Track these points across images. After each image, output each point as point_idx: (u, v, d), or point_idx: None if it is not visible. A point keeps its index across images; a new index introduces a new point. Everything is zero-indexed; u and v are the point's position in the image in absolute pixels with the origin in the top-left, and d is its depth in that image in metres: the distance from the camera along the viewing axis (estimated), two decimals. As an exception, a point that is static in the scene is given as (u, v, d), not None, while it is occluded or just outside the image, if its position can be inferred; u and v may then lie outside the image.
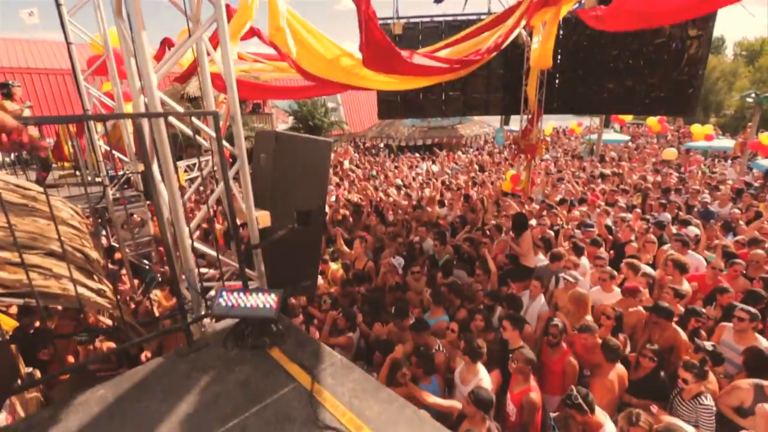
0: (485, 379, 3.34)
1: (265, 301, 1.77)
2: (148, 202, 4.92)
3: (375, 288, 5.16)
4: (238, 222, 2.23)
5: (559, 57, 8.84)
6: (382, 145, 20.72)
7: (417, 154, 17.25)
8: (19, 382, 2.67)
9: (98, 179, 5.63)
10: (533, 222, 6.83)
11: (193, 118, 1.70)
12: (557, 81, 8.75)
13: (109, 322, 3.47)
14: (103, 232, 6.69)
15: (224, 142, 1.87)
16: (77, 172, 7.45)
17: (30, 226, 2.74)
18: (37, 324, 3.47)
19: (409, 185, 10.99)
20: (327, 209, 8.67)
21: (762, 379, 3.04)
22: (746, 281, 4.89)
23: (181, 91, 13.52)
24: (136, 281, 5.43)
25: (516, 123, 10.56)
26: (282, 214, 2.25)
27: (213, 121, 1.62)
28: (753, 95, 9.56)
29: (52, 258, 2.30)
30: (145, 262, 5.46)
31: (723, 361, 3.43)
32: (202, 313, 1.83)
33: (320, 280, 5.31)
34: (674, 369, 3.71)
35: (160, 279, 5.19)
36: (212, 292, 2.08)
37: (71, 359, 3.59)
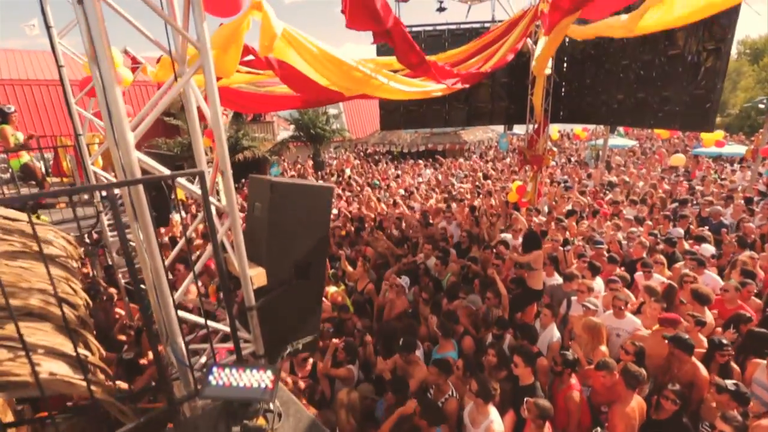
0: (496, 421, 3.15)
1: (260, 379, 1.59)
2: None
3: (386, 321, 4.94)
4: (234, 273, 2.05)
5: (565, 65, 8.63)
6: (384, 151, 20.52)
7: (421, 161, 17.04)
8: None
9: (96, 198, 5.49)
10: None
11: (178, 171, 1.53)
12: (563, 90, 8.55)
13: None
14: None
15: (213, 200, 1.69)
16: (74, 190, 7.34)
17: (10, 274, 2.55)
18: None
19: (411, 195, 10.79)
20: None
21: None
22: (758, 302, 4.68)
23: (181, 101, 13.36)
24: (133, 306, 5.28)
25: (520, 127, 10.34)
26: (279, 268, 2.07)
27: (200, 181, 1.44)
28: (765, 101, 9.31)
29: (28, 319, 2.11)
30: (143, 287, 5.29)
31: (749, 402, 3.21)
32: (192, 388, 1.64)
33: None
34: (694, 408, 3.51)
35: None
36: (203, 359, 1.89)
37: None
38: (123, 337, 4.94)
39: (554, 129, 18.34)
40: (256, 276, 1.96)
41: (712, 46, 4.58)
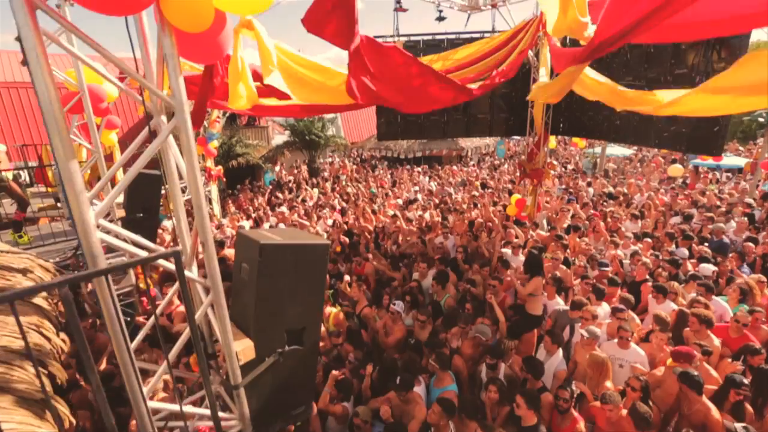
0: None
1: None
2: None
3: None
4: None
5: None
6: (380, 156, 20.30)
7: (418, 169, 16.81)
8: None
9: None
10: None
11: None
12: (564, 102, 8.38)
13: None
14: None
15: (194, 276, 1.48)
16: (58, 203, 7.05)
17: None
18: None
19: (408, 206, 10.59)
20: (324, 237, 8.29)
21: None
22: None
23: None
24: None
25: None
26: (269, 337, 1.86)
27: (176, 263, 1.23)
28: (765, 114, 9.23)
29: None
30: (128, 310, 5.08)
31: (761, 449, 3.05)
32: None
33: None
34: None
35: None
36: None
37: None
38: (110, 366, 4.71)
39: (551, 137, 18.21)
40: (243, 351, 1.74)
41: (722, 67, 4.41)
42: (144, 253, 1.31)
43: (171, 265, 1.32)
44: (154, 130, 1.52)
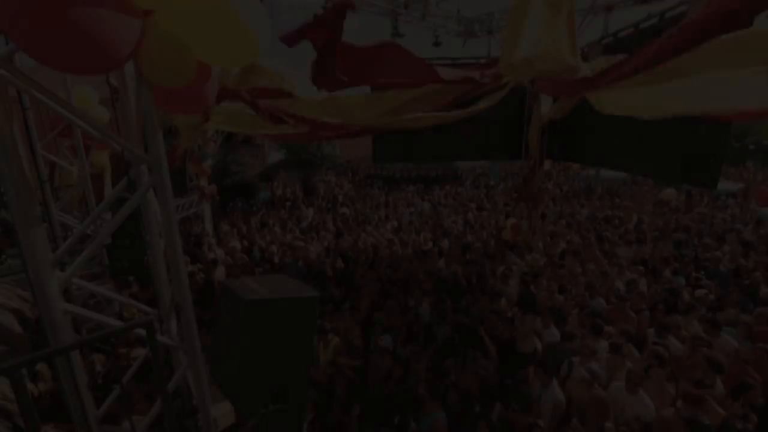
0: None
1: None
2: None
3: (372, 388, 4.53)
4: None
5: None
6: (375, 174, 20.29)
7: (411, 188, 16.77)
8: None
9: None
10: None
11: None
12: (558, 126, 8.42)
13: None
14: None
15: (171, 340, 1.38)
16: (43, 222, 6.88)
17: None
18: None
19: (403, 227, 10.49)
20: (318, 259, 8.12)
21: None
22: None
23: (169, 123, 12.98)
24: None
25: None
26: (252, 398, 1.73)
27: (147, 333, 1.13)
28: (754, 142, 9.37)
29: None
30: (111, 340, 4.89)
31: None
32: None
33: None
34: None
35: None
36: None
37: None
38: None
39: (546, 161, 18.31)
40: (222, 416, 1.62)
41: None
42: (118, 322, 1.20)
43: (143, 332, 1.21)
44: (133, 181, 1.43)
